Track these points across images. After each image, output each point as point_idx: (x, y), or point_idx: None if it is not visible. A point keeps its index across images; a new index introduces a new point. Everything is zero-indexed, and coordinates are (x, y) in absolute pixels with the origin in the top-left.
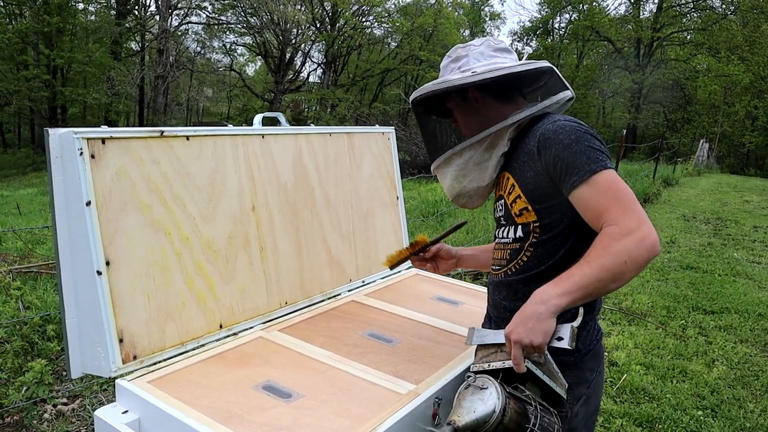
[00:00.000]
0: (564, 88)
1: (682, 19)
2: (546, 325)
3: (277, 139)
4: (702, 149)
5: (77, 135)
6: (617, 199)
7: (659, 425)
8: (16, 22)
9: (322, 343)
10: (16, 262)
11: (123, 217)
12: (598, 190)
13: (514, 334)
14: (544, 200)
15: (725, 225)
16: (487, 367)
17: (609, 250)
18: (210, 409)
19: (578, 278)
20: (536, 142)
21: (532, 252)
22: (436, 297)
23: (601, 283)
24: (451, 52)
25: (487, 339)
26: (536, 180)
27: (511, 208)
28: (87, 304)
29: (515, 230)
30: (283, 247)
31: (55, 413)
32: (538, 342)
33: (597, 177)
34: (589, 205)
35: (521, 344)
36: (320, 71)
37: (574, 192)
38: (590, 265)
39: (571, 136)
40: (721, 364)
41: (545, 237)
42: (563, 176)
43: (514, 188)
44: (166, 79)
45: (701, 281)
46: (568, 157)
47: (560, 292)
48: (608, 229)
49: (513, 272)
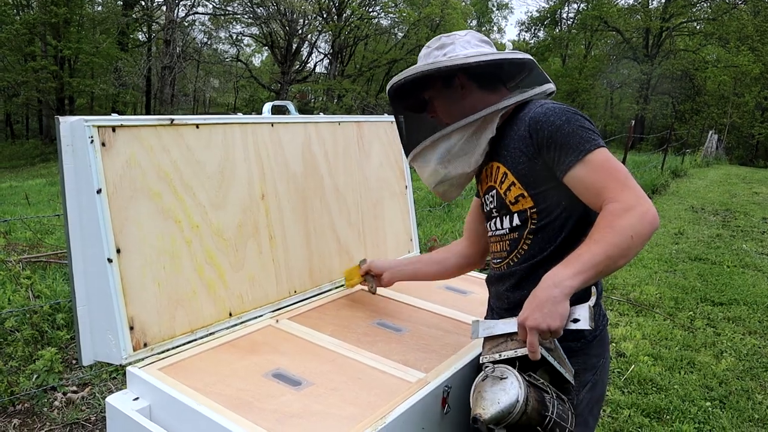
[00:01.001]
0: (547, 81)
1: (692, 8)
2: (561, 308)
3: (286, 127)
4: (711, 140)
5: (88, 123)
6: (614, 177)
7: (667, 416)
8: (23, 13)
9: (332, 332)
10: (26, 251)
11: (133, 205)
12: (593, 169)
13: (530, 320)
14: (540, 185)
15: (734, 216)
16: (499, 357)
17: (614, 226)
18: (220, 396)
19: (588, 257)
20: (527, 126)
21: (532, 239)
22: (445, 286)
23: (611, 260)
24: (432, 42)
25: (495, 330)
26: (530, 165)
27: (506, 196)
28: (98, 292)
29: (511, 219)
30: (293, 236)
31: (65, 401)
32: (556, 326)
33: (591, 156)
34: (586, 185)
35: (538, 330)
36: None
37: (569, 173)
38: (598, 244)
39: (561, 117)
40: (729, 355)
41: (544, 222)
42: (557, 158)
43: (507, 176)
44: (172, 70)
45: (710, 272)
46: (560, 138)
47: (572, 272)
48: (610, 206)
49: (516, 262)
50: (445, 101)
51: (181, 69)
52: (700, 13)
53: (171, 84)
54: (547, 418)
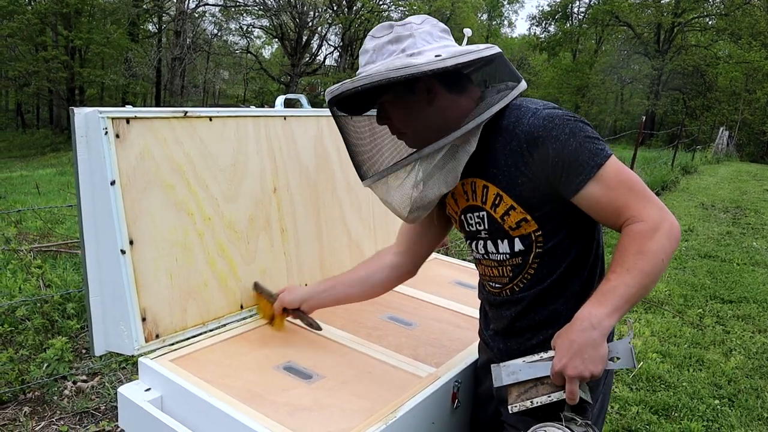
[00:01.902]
0: (518, 77)
1: (704, 3)
2: (603, 351)
3: (299, 121)
4: (722, 137)
5: (102, 114)
6: (632, 191)
7: (675, 413)
8: (35, 3)
9: (342, 325)
10: (37, 240)
11: (147, 196)
12: (609, 186)
13: (571, 369)
14: (544, 205)
15: (744, 214)
16: (531, 405)
17: (645, 252)
18: (232, 388)
19: (623, 290)
20: (523, 141)
21: (539, 263)
22: (455, 281)
23: (645, 289)
24: (380, 31)
25: (521, 376)
26: (531, 185)
27: (503, 221)
28: (111, 283)
29: (511, 244)
30: (304, 229)
31: (75, 390)
32: (599, 371)
33: (603, 171)
34: (602, 204)
35: (581, 378)
36: (336, 54)
37: (581, 192)
38: (631, 273)
39: (564, 129)
40: (738, 353)
41: (551, 244)
42: (564, 177)
43: (502, 199)
44: (182, 61)
45: (719, 270)
46: (568, 155)
47: (609, 311)
48: (636, 227)
49: (522, 288)
50: (404, 108)
51: (191, 60)
52: (713, 8)
53: (181, 75)
54: None
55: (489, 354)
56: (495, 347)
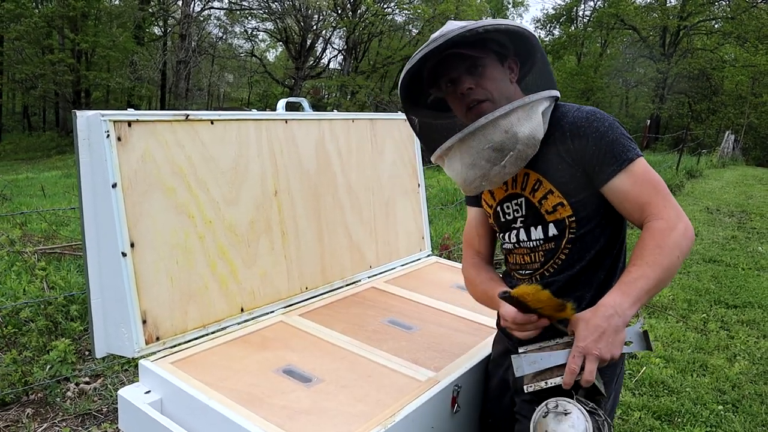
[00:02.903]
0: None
1: (710, 7)
2: (622, 336)
3: (300, 124)
4: (727, 141)
5: (104, 117)
6: (657, 191)
7: (678, 419)
8: (42, 6)
9: (342, 329)
10: (41, 242)
11: (148, 199)
12: (636, 181)
13: (595, 349)
14: (579, 192)
15: (750, 218)
16: (545, 385)
17: (664, 247)
18: (231, 391)
19: (643, 283)
20: (566, 132)
21: (570, 248)
22: (456, 285)
23: (662, 282)
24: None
25: (541, 364)
26: (570, 172)
27: (540, 205)
28: (112, 285)
29: (545, 229)
30: (305, 233)
31: (77, 391)
32: (617, 354)
33: (633, 166)
34: (628, 197)
35: (601, 359)
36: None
37: (611, 181)
38: (651, 267)
39: (604, 123)
40: (743, 359)
41: (583, 231)
42: (599, 166)
43: (541, 183)
44: (187, 64)
45: (724, 275)
46: (605, 146)
47: (631, 301)
48: (656, 224)
49: (552, 272)
50: (490, 77)
51: (196, 63)
52: (719, 11)
53: (186, 78)
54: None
55: (507, 344)
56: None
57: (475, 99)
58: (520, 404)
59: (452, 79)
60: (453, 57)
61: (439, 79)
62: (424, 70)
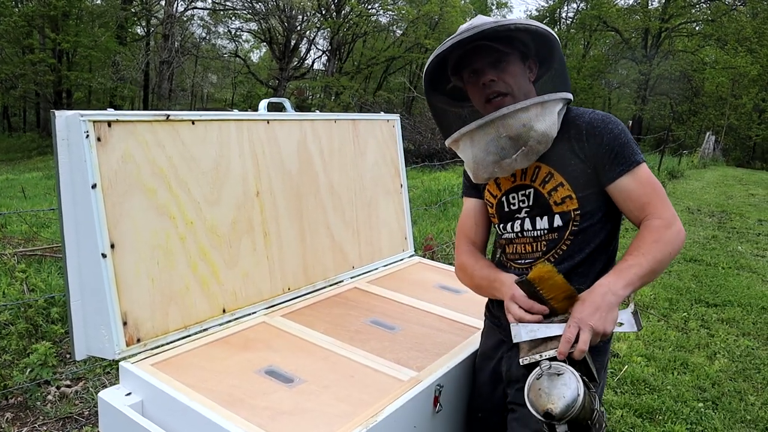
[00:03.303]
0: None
1: (691, 9)
2: (614, 314)
3: (282, 124)
4: (708, 142)
5: (84, 117)
6: (657, 193)
7: (659, 416)
8: (21, 6)
9: (325, 329)
10: (21, 244)
11: (128, 200)
12: (640, 183)
13: (590, 320)
14: (586, 188)
15: (730, 218)
16: (539, 358)
17: (659, 242)
18: (213, 392)
19: (637, 269)
20: (582, 130)
21: (572, 240)
22: (439, 285)
23: (654, 273)
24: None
25: (539, 333)
26: (581, 168)
27: (550, 196)
28: (91, 287)
29: (551, 220)
30: (287, 233)
31: (58, 395)
32: (610, 329)
33: (639, 169)
34: (631, 196)
35: (595, 331)
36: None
37: (618, 181)
38: (645, 257)
39: (618, 126)
40: (722, 356)
41: (586, 224)
42: (609, 164)
43: (552, 176)
44: (171, 65)
45: (704, 274)
46: (617, 148)
47: (624, 283)
48: (654, 221)
49: (553, 262)
50: (518, 68)
51: (180, 64)
52: (700, 14)
53: (169, 79)
54: (595, 412)
55: (501, 335)
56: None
57: (495, 91)
58: (514, 394)
59: (475, 70)
60: (480, 49)
61: (463, 68)
62: (450, 59)
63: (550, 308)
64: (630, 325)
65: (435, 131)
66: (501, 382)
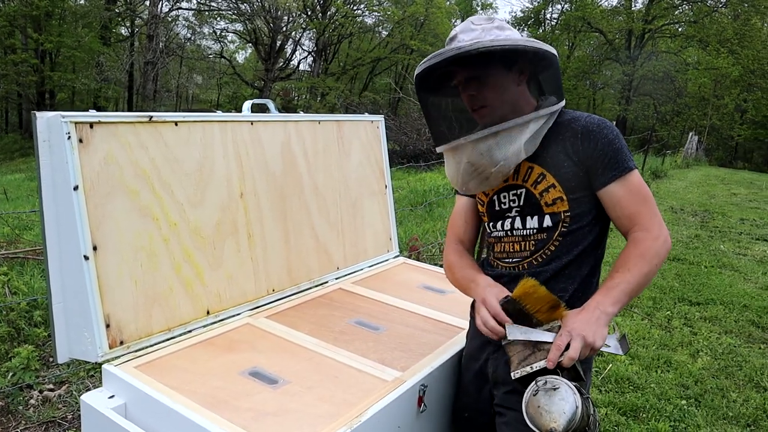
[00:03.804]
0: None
1: (674, 11)
2: (604, 332)
3: (266, 126)
4: (691, 142)
5: (65, 119)
6: (646, 203)
7: (643, 414)
8: (3, 5)
9: (309, 330)
10: (3, 247)
11: (111, 202)
12: (630, 191)
13: (582, 331)
14: (578, 191)
15: (712, 217)
16: (531, 370)
17: (646, 256)
18: (196, 394)
19: (625, 287)
20: (578, 134)
21: (561, 241)
22: (423, 285)
23: (641, 287)
24: (480, 21)
25: (531, 336)
26: (574, 170)
27: (541, 197)
28: (74, 289)
29: (540, 220)
30: (271, 234)
31: (41, 399)
32: (599, 345)
33: (630, 176)
34: (621, 203)
35: (586, 342)
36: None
37: (608, 186)
38: (632, 273)
39: (613, 132)
40: (705, 354)
41: (575, 227)
42: (601, 169)
43: (545, 177)
44: (155, 66)
45: (687, 273)
46: (610, 152)
47: (612, 301)
48: (641, 234)
49: (540, 262)
50: (500, 81)
51: (164, 64)
52: (682, 15)
53: (154, 80)
54: (591, 417)
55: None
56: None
57: (477, 104)
58: (501, 397)
59: (460, 81)
60: (459, 63)
61: (447, 80)
62: (433, 72)
63: (535, 321)
64: (616, 348)
65: (420, 132)
66: (487, 383)
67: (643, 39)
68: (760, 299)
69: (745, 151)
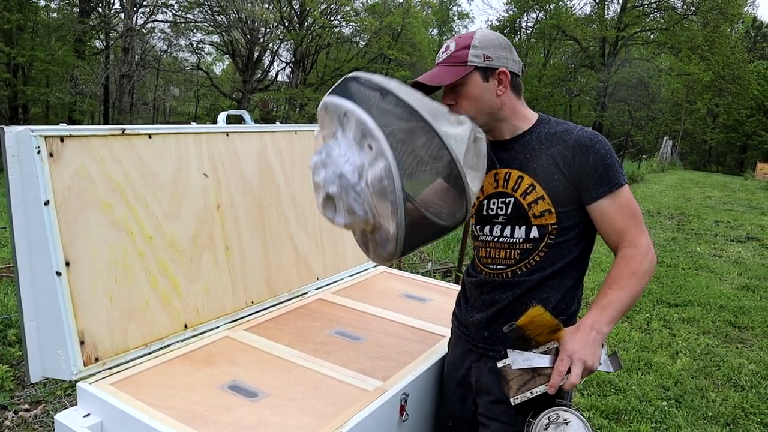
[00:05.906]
0: None
1: (646, 18)
2: (600, 351)
3: (242, 137)
4: (666, 146)
5: (34, 133)
6: (634, 219)
7: (625, 416)
8: None
9: (289, 342)
10: None
11: (83, 216)
12: (620, 207)
13: (582, 355)
14: (567, 204)
15: (688, 220)
16: (531, 395)
17: (636, 274)
18: (174, 410)
19: (618, 305)
20: (569, 148)
21: (546, 252)
22: (404, 294)
23: (632, 304)
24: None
25: (534, 363)
26: (564, 183)
27: (529, 208)
28: (46, 306)
29: (527, 230)
30: (249, 246)
31: (16, 420)
32: (596, 366)
33: (620, 192)
34: (610, 219)
35: (585, 365)
36: (289, 70)
37: (598, 201)
38: (625, 290)
39: (605, 147)
40: (684, 355)
41: (561, 239)
42: (591, 184)
43: (534, 188)
44: (131, 78)
45: (665, 275)
46: (602, 168)
47: (607, 320)
48: (631, 251)
49: (525, 272)
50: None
51: (140, 77)
52: (654, 23)
53: (130, 92)
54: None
55: (469, 344)
56: (479, 336)
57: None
58: (485, 406)
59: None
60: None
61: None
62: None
63: (533, 343)
64: (606, 365)
65: None
66: (470, 391)
67: (617, 46)
68: (736, 299)
69: (717, 155)
